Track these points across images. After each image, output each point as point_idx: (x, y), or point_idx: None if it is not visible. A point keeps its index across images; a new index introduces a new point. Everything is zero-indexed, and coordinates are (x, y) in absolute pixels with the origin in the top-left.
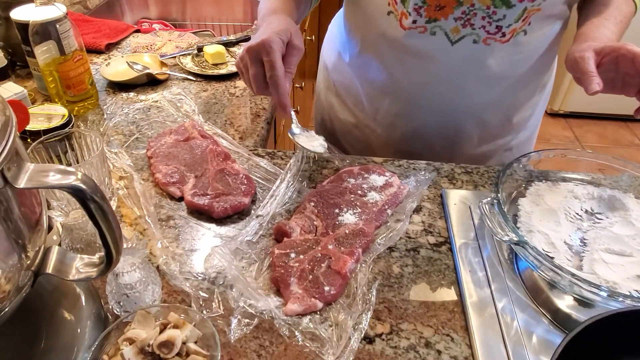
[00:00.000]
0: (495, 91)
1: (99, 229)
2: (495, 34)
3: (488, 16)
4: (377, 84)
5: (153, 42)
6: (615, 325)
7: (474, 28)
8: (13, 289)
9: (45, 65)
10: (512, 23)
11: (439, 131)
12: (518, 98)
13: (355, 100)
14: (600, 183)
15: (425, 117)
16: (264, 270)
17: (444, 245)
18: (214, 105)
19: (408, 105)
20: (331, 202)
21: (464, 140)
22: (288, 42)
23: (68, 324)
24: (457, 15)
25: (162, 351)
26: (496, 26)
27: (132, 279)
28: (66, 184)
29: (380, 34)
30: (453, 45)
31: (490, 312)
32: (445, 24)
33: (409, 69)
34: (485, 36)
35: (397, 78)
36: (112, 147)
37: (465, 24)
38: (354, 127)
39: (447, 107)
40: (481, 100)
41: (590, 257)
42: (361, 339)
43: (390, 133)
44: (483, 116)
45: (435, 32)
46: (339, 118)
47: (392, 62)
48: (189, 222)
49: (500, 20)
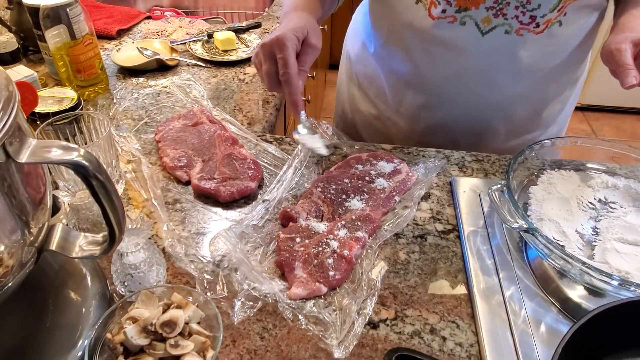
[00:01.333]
0: (525, 84)
1: (102, 207)
2: (529, 25)
3: (522, 5)
4: (402, 75)
5: (164, 28)
6: (625, 314)
7: (506, 18)
8: (16, 264)
9: (56, 49)
10: (547, 13)
11: (464, 125)
12: (548, 92)
13: (377, 92)
14: (616, 172)
15: (451, 110)
16: (269, 254)
17: (452, 232)
18: (223, 91)
19: (433, 97)
20: (338, 188)
21: (490, 135)
22: (304, 40)
23: (73, 303)
24: (489, 5)
25: (164, 330)
26: (530, 16)
27: (137, 259)
28: (68, 160)
29: (408, 24)
30: (484, 36)
31: (497, 300)
32: (476, 14)
33: (436, 61)
34: (518, 27)
35: (423, 69)
36: (121, 131)
37: (498, 13)
38: (375, 119)
39: (474, 100)
40: (510, 93)
41: (603, 247)
42: (365, 323)
43: (413, 125)
44: (511, 110)
45: (465, 22)
46: (360, 110)
47: (419, 53)
48: (196, 205)
49: (535, 10)
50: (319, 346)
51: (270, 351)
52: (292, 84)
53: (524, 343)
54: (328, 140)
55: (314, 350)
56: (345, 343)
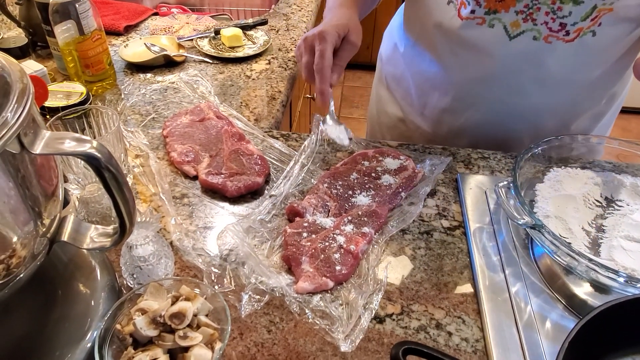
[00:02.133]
0: (553, 94)
1: (113, 198)
2: (558, 32)
3: (552, 12)
4: (428, 77)
5: (171, 24)
6: (632, 310)
7: (535, 24)
8: (29, 255)
9: (64, 45)
10: (578, 21)
11: (488, 131)
12: (578, 105)
13: (404, 93)
14: (623, 170)
15: (474, 115)
16: (276, 248)
17: (458, 229)
18: (230, 87)
19: (457, 101)
20: (345, 184)
21: (513, 143)
22: (344, 37)
23: (83, 295)
24: (519, 9)
25: (173, 322)
26: (560, 23)
27: (146, 252)
28: (81, 151)
29: (437, 24)
30: (511, 40)
31: (503, 296)
32: (505, 17)
33: (462, 63)
34: (547, 33)
35: (449, 71)
36: (129, 126)
37: (527, 18)
38: (400, 121)
39: (498, 105)
40: (536, 102)
41: (609, 244)
42: (371, 318)
43: (436, 129)
44: (537, 119)
45: (493, 25)
46: (386, 111)
47: (446, 54)
48: (203, 200)
49: (566, 17)
50: (325, 340)
51: (277, 344)
52: (324, 74)
53: (529, 339)
54: (351, 133)
55: (321, 344)
56: (351, 337)
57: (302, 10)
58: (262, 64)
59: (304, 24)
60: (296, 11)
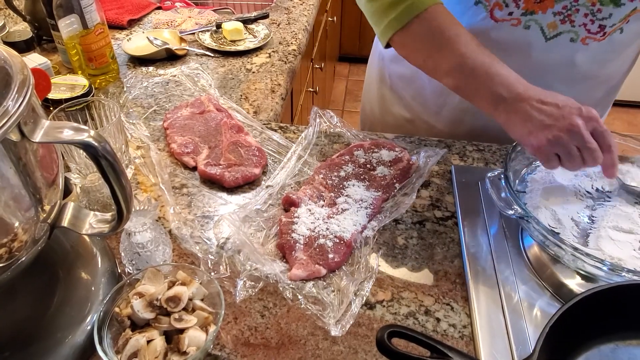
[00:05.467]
0: (578, 91)
1: (110, 186)
2: (597, 34)
3: (592, 14)
4: None
5: (173, 18)
6: (613, 298)
7: (573, 25)
8: (30, 239)
9: (68, 38)
10: (616, 23)
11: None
12: (594, 98)
13: (415, 94)
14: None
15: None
16: (271, 237)
17: (450, 219)
18: (230, 80)
19: None
20: (340, 175)
21: None
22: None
23: (84, 280)
24: (557, 10)
25: (169, 305)
26: (599, 25)
27: (144, 239)
28: (79, 140)
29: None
30: (547, 41)
31: (491, 284)
32: (543, 18)
33: None
34: (585, 35)
35: None
36: (131, 118)
37: (565, 19)
38: (407, 122)
39: None
40: None
41: (597, 234)
42: (362, 304)
43: (454, 129)
44: None
45: (529, 26)
46: (391, 112)
47: None
48: (201, 190)
49: (605, 19)
50: (317, 324)
51: (270, 328)
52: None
53: (515, 325)
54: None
55: (312, 328)
56: (342, 322)
57: (303, 4)
58: (262, 58)
59: (305, 17)
60: (297, 5)
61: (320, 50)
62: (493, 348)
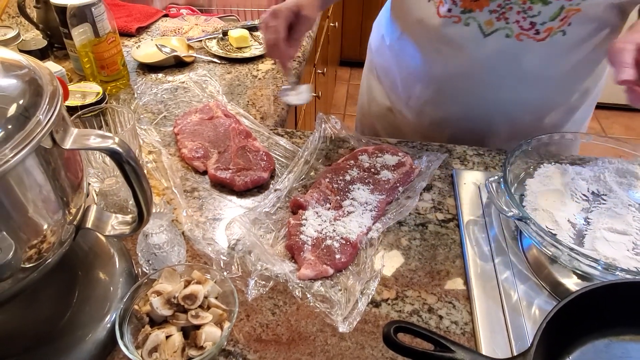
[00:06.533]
0: (527, 89)
1: (132, 189)
2: (529, 31)
3: (523, 11)
4: (412, 69)
5: (181, 26)
6: (608, 295)
7: (507, 22)
8: (57, 241)
9: (81, 47)
10: (547, 21)
11: (467, 123)
12: (551, 99)
13: (391, 84)
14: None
15: (454, 107)
16: (280, 238)
17: (451, 221)
18: (237, 86)
19: (438, 93)
20: (345, 179)
21: (491, 136)
22: (297, 12)
23: (102, 280)
24: (492, 8)
25: (186, 302)
26: (530, 22)
27: (160, 240)
28: (105, 147)
29: (419, 20)
30: (485, 37)
31: (492, 283)
32: (480, 16)
33: (443, 58)
34: (518, 32)
35: (430, 65)
36: (142, 124)
37: (500, 17)
38: (389, 110)
39: (476, 99)
40: (511, 97)
41: (593, 235)
42: (368, 302)
43: (420, 120)
44: (513, 113)
45: (469, 23)
46: (376, 101)
47: (427, 49)
48: (212, 194)
49: (535, 16)
50: (325, 322)
51: (281, 325)
52: (280, 48)
53: (514, 322)
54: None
55: (321, 325)
56: (349, 319)
57: None
58: (267, 64)
59: None
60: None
61: (322, 55)
62: (493, 343)
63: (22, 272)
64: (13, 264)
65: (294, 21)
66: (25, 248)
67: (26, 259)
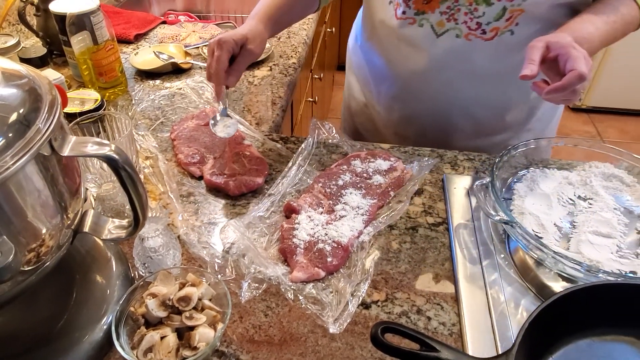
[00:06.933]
0: (482, 87)
1: (128, 194)
2: (476, 31)
3: (470, 12)
4: (379, 68)
5: (178, 33)
6: (590, 296)
7: (457, 23)
8: (55, 245)
9: (80, 54)
10: (491, 21)
11: (432, 120)
12: (508, 97)
13: (365, 81)
14: (594, 171)
15: (418, 105)
16: (274, 242)
17: (441, 225)
18: (233, 93)
19: (403, 91)
20: (338, 184)
21: (456, 132)
22: (242, 45)
23: (99, 283)
24: (442, 10)
25: (180, 304)
26: (477, 22)
27: (156, 244)
28: (102, 154)
29: (381, 21)
30: (438, 37)
31: (479, 285)
32: (432, 17)
33: (403, 57)
34: (467, 32)
35: (394, 64)
36: (140, 130)
37: (450, 18)
38: (364, 106)
39: (436, 96)
40: (468, 94)
41: (578, 238)
42: (358, 304)
43: (389, 115)
44: (472, 110)
45: (422, 24)
46: (354, 97)
47: (390, 48)
48: (207, 198)
49: (481, 17)
50: (316, 323)
51: (273, 326)
52: (218, 77)
53: (500, 323)
54: (236, 123)
55: (312, 326)
56: (340, 320)
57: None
58: (264, 71)
59: (305, 31)
60: None
61: (319, 61)
62: (479, 344)
63: (21, 274)
64: (13, 266)
65: (237, 53)
66: (24, 251)
67: (25, 262)
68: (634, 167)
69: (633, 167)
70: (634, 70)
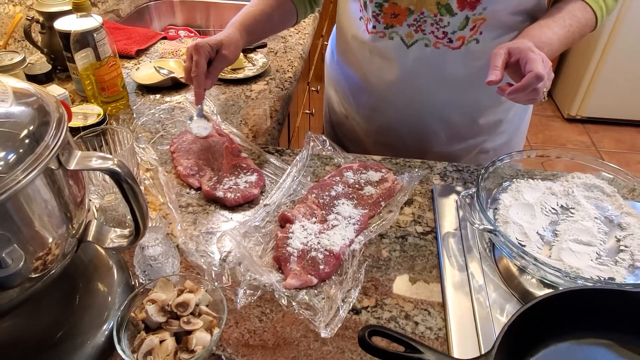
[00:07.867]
0: (454, 93)
1: (130, 205)
2: (443, 39)
3: (435, 23)
4: (355, 81)
5: (178, 48)
6: (568, 301)
7: (424, 33)
8: (61, 253)
9: (83, 70)
10: (456, 30)
11: (409, 127)
12: (480, 101)
13: (344, 94)
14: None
15: (396, 113)
16: (269, 250)
17: (430, 234)
18: (231, 106)
19: (380, 101)
20: (331, 194)
21: (432, 138)
22: (218, 50)
23: (101, 290)
24: (409, 22)
25: (179, 310)
26: (443, 32)
27: (156, 252)
28: (105, 167)
29: (354, 35)
30: (408, 48)
31: (465, 291)
32: (400, 30)
33: (377, 69)
34: (434, 40)
35: (369, 76)
36: (140, 143)
37: (417, 29)
38: (345, 117)
39: (411, 104)
40: (441, 99)
41: (559, 246)
42: (349, 310)
43: (369, 125)
44: (446, 115)
45: (392, 37)
46: (334, 110)
47: (364, 61)
48: (205, 209)
49: (446, 27)
50: (308, 328)
51: (267, 331)
52: (198, 80)
53: (484, 328)
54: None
55: (305, 331)
56: (331, 325)
57: (299, 33)
58: (260, 85)
59: (301, 46)
60: (294, 34)
61: (316, 74)
62: (465, 348)
63: (29, 281)
64: (23, 273)
65: (214, 57)
66: (33, 259)
67: (33, 269)
68: (614, 177)
69: (613, 177)
70: (628, 80)
